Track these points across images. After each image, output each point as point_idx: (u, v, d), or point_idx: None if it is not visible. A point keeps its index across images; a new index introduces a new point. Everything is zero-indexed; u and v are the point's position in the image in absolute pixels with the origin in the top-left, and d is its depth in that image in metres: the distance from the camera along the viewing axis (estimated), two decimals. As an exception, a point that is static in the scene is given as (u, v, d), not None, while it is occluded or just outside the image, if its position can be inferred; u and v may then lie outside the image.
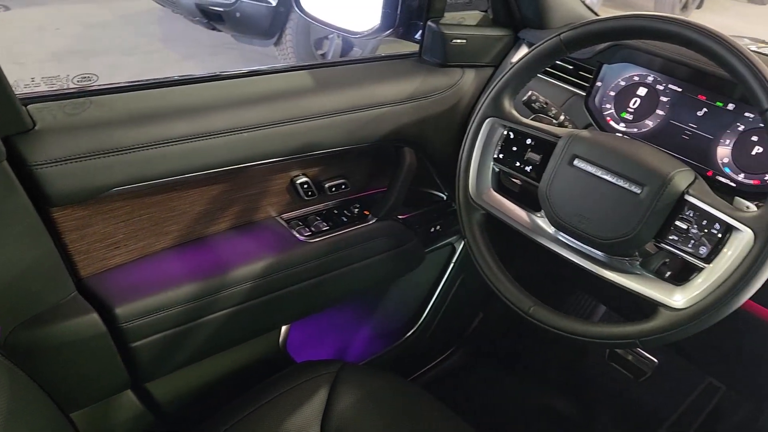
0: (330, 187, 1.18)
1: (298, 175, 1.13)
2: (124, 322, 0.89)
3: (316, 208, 1.19)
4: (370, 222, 1.20)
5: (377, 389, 1.00)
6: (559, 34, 0.86)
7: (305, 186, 1.14)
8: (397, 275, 1.33)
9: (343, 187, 1.20)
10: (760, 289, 0.70)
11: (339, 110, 1.03)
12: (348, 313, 1.41)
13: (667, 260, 0.84)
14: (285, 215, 1.15)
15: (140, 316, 0.91)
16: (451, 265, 1.45)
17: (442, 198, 1.37)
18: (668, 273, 0.83)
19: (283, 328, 1.19)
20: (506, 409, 1.55)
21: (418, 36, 1.18)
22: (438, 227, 1.35)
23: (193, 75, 0.96)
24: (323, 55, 3.97)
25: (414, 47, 1.19)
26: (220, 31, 3.93)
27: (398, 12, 1.14)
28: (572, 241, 0.86)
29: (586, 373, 1.66)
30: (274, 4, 3.60)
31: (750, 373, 1.18)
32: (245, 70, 1.01)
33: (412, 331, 1.47)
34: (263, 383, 1.00)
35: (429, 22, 1.14)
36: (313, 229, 1.14)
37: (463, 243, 1.41)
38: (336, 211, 1.20)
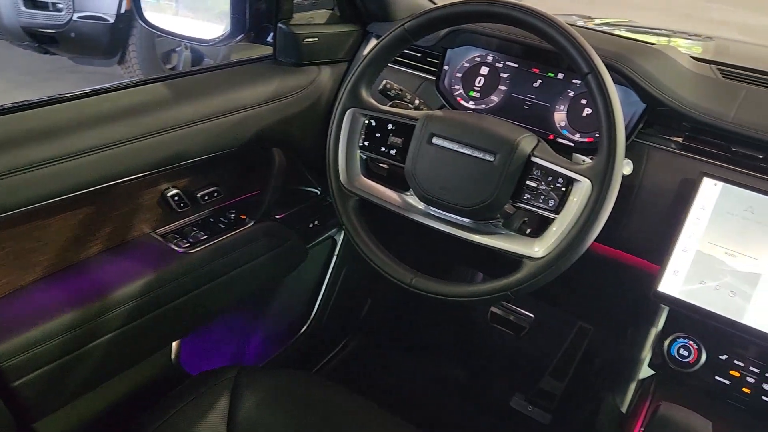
0: (203, 196, 1.17)
1: (168, 188, 1.11)
2: (1, 362, 0.84)
3: (191, 219, 1.18)
4: (248, 225, 1.20)
5: (279, 386, 1.01)
6: (402, 24, 0.93)
7: (176, 198, 1.12)
8: (282, 274, 1.34)
9: (216, 194, 1.19)
10: (603, 230, 0.80)
11: (201, 118, 1.03)
12: (239, 318, 1.41)
13: (526, 218, 0.94)
14: (160, 230, 1.13)
15: (18, 354, 0.86)
16: (334, 257, 1.49)
17: (317, 193, 1.40)
18: (528, 230, 0.93)
19: (174, 344, 1.17)
20: (406, 385, 1.62)
21: (270, 39, 1.20)
22: (316, 222, 1.38)
23: (42, 98, 0.92)
24: (173, 69, 3.86)
25: (267, 50, 1.21)
26: (54, 54, 3.68)
27: (247, 17, 1.15)
28: (441, 213, 0.92)
29: (474, 339, 1.78)
30: (112, 20, 3.44)
31: (608, 309, 1.33)
32: (88, 89, 0.97)
33: (305, 326, 1.49)
34: (160, 401, 0.98)
35: (279, 24, 1.16)
36: (191, 240, 1.12)
37: (343, 234, 1.46)
38: (212, 220, 1.20)
